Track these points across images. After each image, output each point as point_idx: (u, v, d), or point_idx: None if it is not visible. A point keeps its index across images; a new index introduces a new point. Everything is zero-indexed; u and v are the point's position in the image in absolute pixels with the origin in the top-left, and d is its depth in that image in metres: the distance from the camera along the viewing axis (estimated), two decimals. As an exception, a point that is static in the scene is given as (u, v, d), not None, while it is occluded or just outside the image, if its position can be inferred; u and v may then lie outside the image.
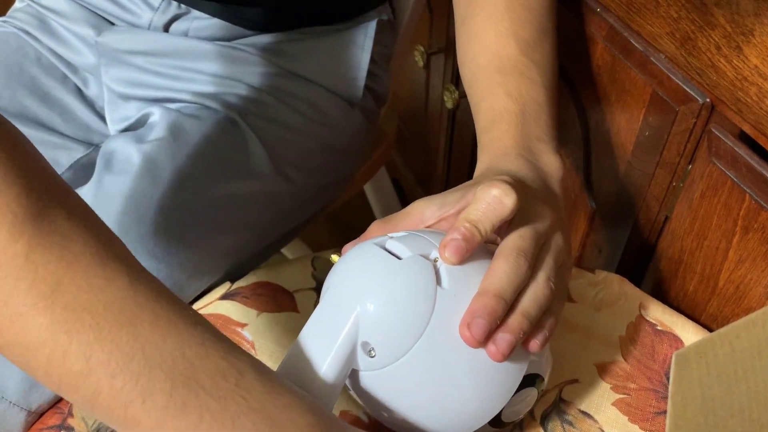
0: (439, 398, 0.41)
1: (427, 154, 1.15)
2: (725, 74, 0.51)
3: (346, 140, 0.70)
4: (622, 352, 0.54)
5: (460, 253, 0.40)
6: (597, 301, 0.58)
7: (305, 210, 0.71)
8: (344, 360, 0.40)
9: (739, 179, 0.52)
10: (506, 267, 0.40)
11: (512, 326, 0.40)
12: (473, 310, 0.39)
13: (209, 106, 0.64)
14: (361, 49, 0.68)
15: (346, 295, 0.41)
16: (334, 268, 0.44)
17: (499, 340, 0.39)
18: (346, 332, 0.40)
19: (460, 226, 0.40)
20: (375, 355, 0.40)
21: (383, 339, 0.40)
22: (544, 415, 0.51)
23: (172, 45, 0.66)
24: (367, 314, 0.40)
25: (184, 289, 0.58)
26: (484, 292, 0.40)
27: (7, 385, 0.50)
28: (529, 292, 0.41)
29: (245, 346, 0.55)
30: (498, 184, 0.41)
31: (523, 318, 0.40)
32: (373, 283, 0.41)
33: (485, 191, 0.41)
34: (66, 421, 0.51)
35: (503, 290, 0.40)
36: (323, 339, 0.41)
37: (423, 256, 0.41)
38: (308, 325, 0.42)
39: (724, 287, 0.58)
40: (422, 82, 1.07)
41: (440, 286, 0.40)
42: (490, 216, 0.41)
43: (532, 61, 0.55)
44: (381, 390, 0.42)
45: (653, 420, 0.50)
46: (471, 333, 0.39)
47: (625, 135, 0.64)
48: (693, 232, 0.59)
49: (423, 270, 0.40)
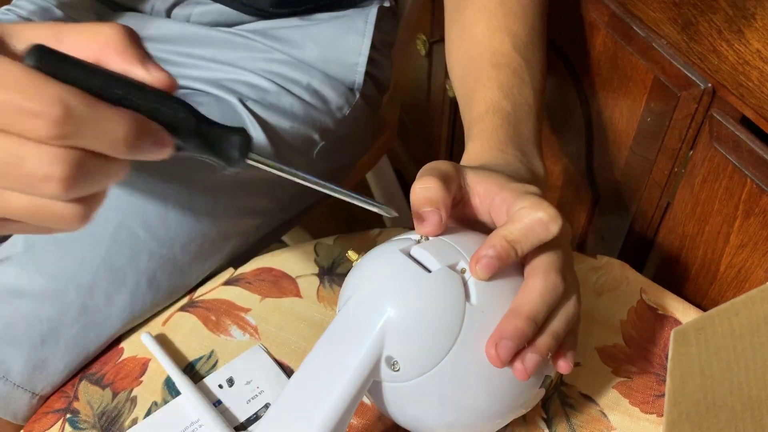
0: (458, 411, 0.41)
1: (430, 144, 1.15)
2: (727, 59, 0.51)
3: (347, 127, 0.71)
4: (624, 336, 0.55)
5: (492, 271, 0.39)
6: (598, 285, 0.58)
7: (306, 197, 0.71)
8: (367, 373, 0.39)
9: (740, 163, 0.52)
10: (542, 287, 0.39)
11: (541, 347, 0.39)
12: (502, 330, 0.38)
13: (210, 91, 0.64)
14: (361, 35, 0.68)
15: (372, 306, 0.40)
16: (358, 272, 0.42)
17: (528, 361, 0.39)
18: (370, 344, 0.39)
19: (497, 243, 0.39)
20: (399, 369, 0.39)
21: (409, 354, 0.39)
22: (546, 399, 0.51)
23: (174, 31, 0.66)
24: (393, 328, 0.39)
25: (186, 273, 0.58)
26: (516, 312, 0.39)
27: (12, 367, 0.51)
28: (561, 313, 0.40)
29: (249, 330, 0.56)
30: (545, 206, 0.40)
31: (553, 339, 0.40)
32: (402, 296, 0.39)
33: (530, 211, 0.40)
34: (71, 405, 0.52)
35: (536, 312, 0.39)
36: (346, 348, 0.40)
37: (451, 268, 0.40)
38: (330, 330, 0.41)
39: (725, 272, 0.58)
40: (424, 71, 1.07)
41: (469, 302, 0.39)
42: (531, 238, 0.39)
43: (525, 60, 0.55)
44: (400, 401, 0.41)
45: (654, 403, 0.51)
46: (497, 354, 0.38)
47: (627, 121, 0.64)
48: (694, 217, 0.59)
49: (452, 284, 0.39)
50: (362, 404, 0.51)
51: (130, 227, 0.55)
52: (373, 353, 0.39)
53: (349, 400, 0.39)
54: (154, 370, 0.54)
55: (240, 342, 0.55)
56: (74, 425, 0.51)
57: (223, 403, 0.51)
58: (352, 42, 0.68)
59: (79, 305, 0.53)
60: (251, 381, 0.52)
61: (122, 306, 0.54)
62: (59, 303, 0.52)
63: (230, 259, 0.62)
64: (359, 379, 0.39)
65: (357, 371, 0.39)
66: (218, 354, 0.54)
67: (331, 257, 0.61)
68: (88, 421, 0.51)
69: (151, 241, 0.55)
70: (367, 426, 0.50)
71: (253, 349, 0.54)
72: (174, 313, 0.57)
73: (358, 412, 0.50)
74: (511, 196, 0.41)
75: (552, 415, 0.50)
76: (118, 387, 0.53)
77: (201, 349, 0.55)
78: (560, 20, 0.68)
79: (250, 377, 0.52)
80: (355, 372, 0.39)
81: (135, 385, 0.53)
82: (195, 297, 0.58)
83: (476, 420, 0.42)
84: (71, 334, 0.53)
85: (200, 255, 0.59)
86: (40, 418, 0.51)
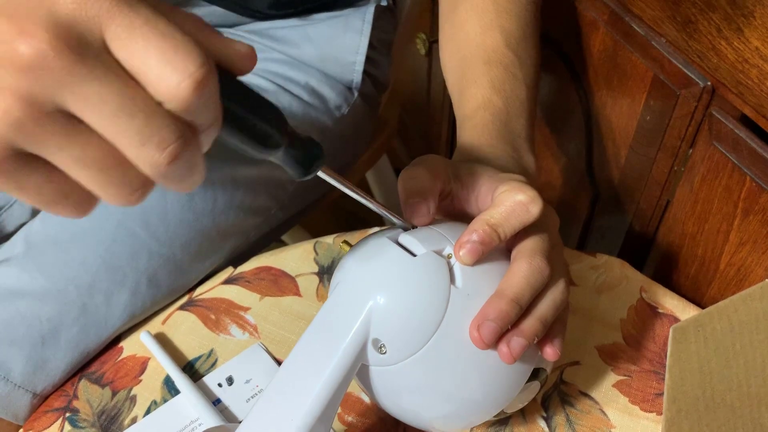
0: (446, 395, 0.41)
1: (429, 143, 1.15)
2: (726, 57, 0.51)
3: (346, 126, 0.71)
4: (623, 335, 0.55)
5: (476, 255, 0.39)
6: (598, 284, 0.58)
7: (305, 196, 0.71)
8: (354, 356, 0.39)
9: (739, 162, 0.52)
10: (526, 270, 0.39)
11: (527, 331, 0.39)
12: (485, 312, 0.39)
13: None
14: (359, 34, 0.68)
15: (359, 290, 0.40)
16: (346, 260, 0.43)
17: (513, 343, 0.39)
18: (357, 328, 0.39)
19: (479, 228, 0.39)
20: (386, 352, 0.40)
21: (395, 337, 0.39)
22: (545, 397, 0.51)
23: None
24: (380, 311, 0.39)
25: (186, 272, 0.58)
26: (500, 294, 0.39)
27: (12, 368, 0.51)
28: (548, 297, 0.41)
29: (248, 329, 0.56)
30: (525, 189, 0.40)
31: (539, 323, 0.40)
32: (387, 280, 0.40)
33: (509, 195, 0.40)
34: (71, 404, 0.52)
35: (521, 295, 0.39)
36: (334, 333, 0.40)
37: (437, 253, 0.40)
38: (319, 317, 0.42)
39: (725, 270, 0.58)
40: (424, 70, 1.07)
41: (454, 285, 0.40)
42: (513, 221, 0.40)
43: (517, 56, 0.55)
44: (388, 385, 0.42)
45: (653, 401, 0.51)
46: (480, 335, 0.38)
47: (627, 120, 0.64)
48: (694, 215, 0.59)
49: (437, 268, 0.40)
50: (364, 404, 0.51)
51: (130, 227, 0.55)
52: (360, 336, 0.39)
53: (336, 384, 0.39)
54: (154, 368, 0.54)
55: (239, 341, 0.55)
56: (74, 424, 0.51)
57: (223, 401, 0.51)
58: (350, 41, 0.68)
59: (79, 305, 0.53)
60: (251, 380, 0.52)
61: (122, 305, 0.54)
62: (59, 303, 0.53)
63: (230, 258, 0.62)
64: (347, 361, 0.39)
65: (344, 354, 0.39)
66: (218, 353, 0.54)
67: (330, 256, 0.61)
68: (88, 419, 0.51)
69: (151, 240, 0.55)
70: (368, 425, 0.50)
71: (253, 347, 0.54)
72: (173, 312, 0.57)
73: (360, 411, 0.50)
74: (495, 184, 0.42)
75: (551, 413, 0.50)
76: (117, 386, 0.53)
77: (200, 347, 0.55)
78: (559, 19, 0.68)
79: (249, 376, 0.52)
80: (343, 355, 0.39)
81: (134, 383, 0.53)
82: (194, 296, 0.58)
83: (464, 407, 0.42)
84: (72, 334, 0.53)
85: (200, 254, 0.59)
86: (39, 416, 0.52)
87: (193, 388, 0.51)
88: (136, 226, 0.55)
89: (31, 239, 0.55)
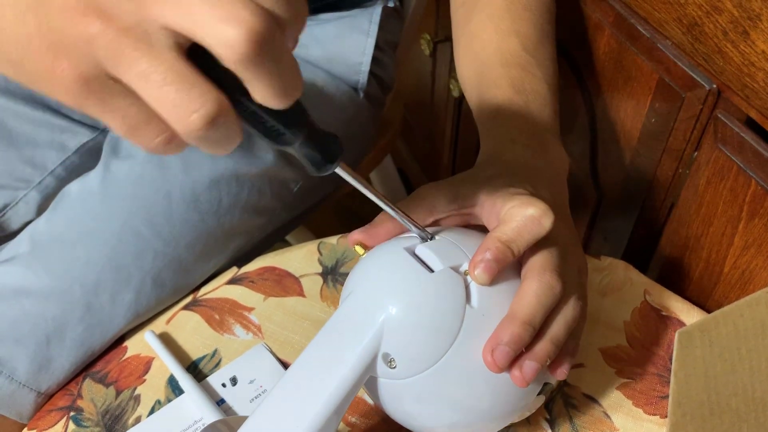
0: (454, 411, 0.41)
1: (433, 144, 1.15)
2: (732, 60, 0.51)
3: (350, 126, 0.71)
4: (627, 338, 0.55)
5: (491, 274, 0.39)
6: (602, 286, 0.58)
7: (309, 196, 0.71)
8: (363, 369, 0.39)
9: (745, 165, 0.52)
10: (538, 289, 0.39)
11: (540, 353, 0.39)
12: (499, 336, 0.38)
13: None
14: (365, 35, 0.68)
15: (373, 303, 0.40)
16: (361, 268, 0.43)
17: (525, 368, 0.38)
18: (368, 341, 0.39)
19: (492, 245, 0.39)
20: (395, 367, 0.39)
21: (406, 353, 0.39)
22: (549, 400, 0.51)
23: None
24: (392, 326, 0.39)
25: (191, 271, 0.58)
26: (512, 316, 0.38)
27: (17, 367, 0.51)
28: (560, 316, 0.40)
29: (252, 329, 0.56)
30: (535, 202, 0.40)
31: (552, 345, 0.39)
32: (402, 295, 0.39)
33: (520, 209, 0.40)
34: (75, 403, 0.52)
35: (533, 316, 0.38)
36: (344, 344, 0.40)
37: (454, 269, 0.40)
38: (330, 324, 0.41)
39: (729, 273, 0.58)
40: (428, 71, 1.07)
41: (469, 305, 0.39)
42: (525, 236, 0.39)
43: (534, 58, 0.55)
44: (395, 396, 0.41)
45: (657, 404, 0.51)
46: (494, 359, 0.38)
47: (632, 122, 0.64)
48: (699, 218, 0.59)
49: (454, 287, 0.39)
50: (367, 405, 0.51)
51: (135, 226, 0.55)
52: (370, 349, 0.39)
53: (343, 394, 0.39)
54: (158, 368, 0.54)
55: (243, 341, 0.55)
56: (78, 423, 0.51)
57: (226, 401, 0.51)
58: (356, 42, 0.68)
59: (84, 304, 0.53)
60: (254, 380, 0.52)
61: (127, 305, 0.55)
62: (64, 302, 0.53)
63: (234, 258, 0.63)
64: (355, 373, 0.39)
65: (354, 366, 0.39)
66: (221, 353, 0.54)
67: (334, 257, 0.61)
68: (92, 419, 0.51)
69: (156, 240, 0.56)
70: (372, 427, 0.50)
71: (257, 348, 0.54)
72: (178, 311, 0.57)
73: (364, 413, 0.51)
74: (500, 201, 0.41)
75: (555, 416, 0.50)
76: (121, 385, 0.53)
77: (204, 347, 0.55)
78: (565, 21, 0.68)
79: (253, 376, 0.52)
80: (352, 366, 0.39)
81: (138, 383, 0.53)
82: (199, 296, 0.58)
83: (471, 422, 0.42)
84: (76, 333, 0.53)
85: (204, 254, 0.59)
86: (43, 415, 0.52)
87: (197, 388, 0.51)
88: (141, 225, 0.55)
89: (37, 238, 0.55)
